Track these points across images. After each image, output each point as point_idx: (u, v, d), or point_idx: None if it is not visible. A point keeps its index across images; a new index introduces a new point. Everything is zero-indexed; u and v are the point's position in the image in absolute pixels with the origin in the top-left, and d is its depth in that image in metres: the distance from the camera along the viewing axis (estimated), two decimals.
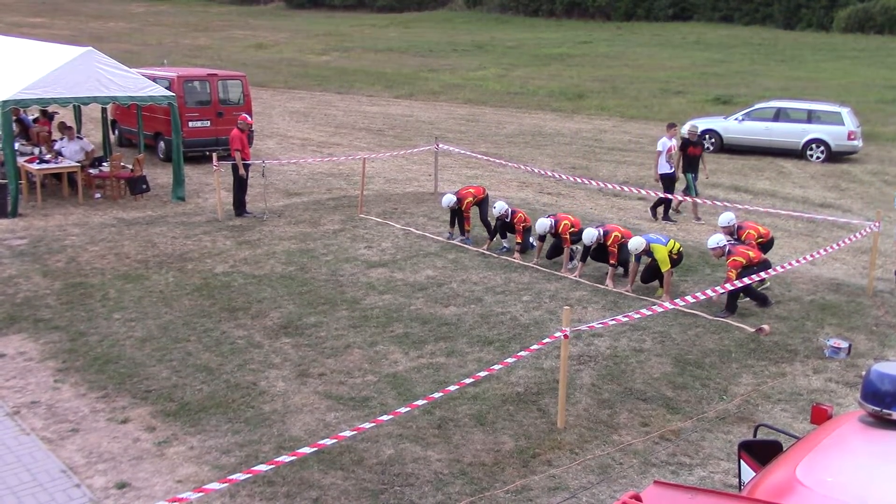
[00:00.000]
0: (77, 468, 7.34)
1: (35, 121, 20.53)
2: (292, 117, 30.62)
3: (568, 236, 13.01)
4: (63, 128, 18.48)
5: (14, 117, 17.49)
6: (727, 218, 12.36)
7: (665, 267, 11.75)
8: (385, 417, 7.19)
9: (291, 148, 24.00)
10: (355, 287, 12.17)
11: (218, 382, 9.03)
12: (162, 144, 21.16)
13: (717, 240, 11.49)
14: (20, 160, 16.72)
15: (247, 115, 17.17)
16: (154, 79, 18.68)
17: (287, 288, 12.07)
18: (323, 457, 7.45)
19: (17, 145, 16.89)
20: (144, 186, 17.38)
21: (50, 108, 19.42)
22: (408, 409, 7.43)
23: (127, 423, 8.16)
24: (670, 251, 11.82)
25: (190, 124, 20.35)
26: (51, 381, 8.99)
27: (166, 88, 18.56)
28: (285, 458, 6.50)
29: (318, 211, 16.70)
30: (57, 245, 13.84)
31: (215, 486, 6.25)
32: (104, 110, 19.97)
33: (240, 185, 16.09)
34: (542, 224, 13.21)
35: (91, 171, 17.70)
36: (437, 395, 7.58)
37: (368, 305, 11.43)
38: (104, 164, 18.14)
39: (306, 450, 6.63)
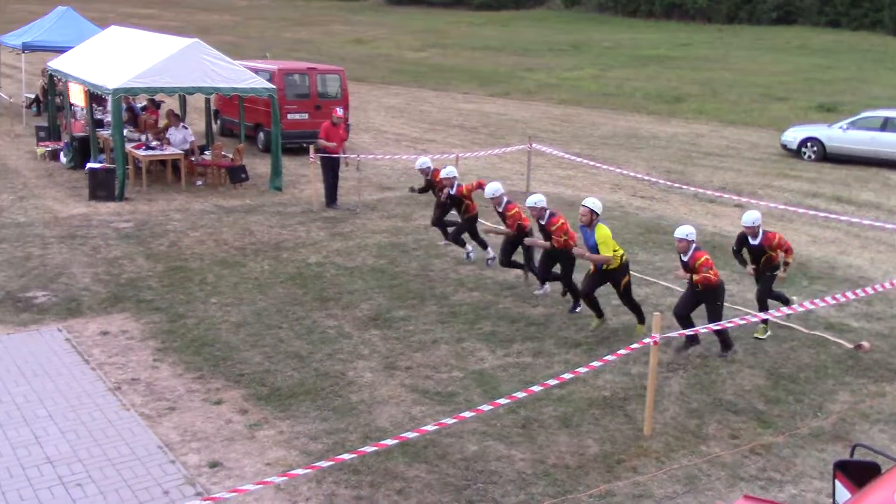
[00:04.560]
0: (172, 445, 7.60)
1: (143, 109, 21.29)
2: (388, 112, 30.97)
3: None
4: (171, 115, 19.13)
5: (124, 105, 18.18)
6: (752, 217, 10.42)
7: (607, 251, 10.11)
8: (469, 414, 7.21)
9: (386, 143, 24.28)
10: (445, 283, 12.25)
11: (308, 370, 9.23)
12: (261, 135, 21.69)
13: (686, 231, 9.79)
14: (128, 146, 17.39)
15: (338, 109, 17.45)
16: (256, 71, 19.17)
17: (377, 280, 12.23)
18: (407, 449, 7.54)
19: (125, 132, 17.56)
20: (244, 175, 17.85)
21: (157, 97, 20.11)
22: (492, 406, 7.45)
23: (220, 404, 8.41)
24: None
25: (289, 116, 20.82)
26: (150, 360, 9.33)
27: (267, 81, 19.01)
28: (370, 448, 6.61)
29: (411, 206, 16.85)
30: (160, 229, 14.35)
31: (302, 471, 6.39)
32: (208, 100, 20.58)
33: (333, 177, 16.40)
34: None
35: (193, 159, 18.28)
36: (522, 394, 7.57)
37: (457, 301, 11.49)
38: (206, 152, 18.72)
39: (391, 441, 6.73)
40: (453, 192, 13.05)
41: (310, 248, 13.69)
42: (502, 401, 7.40)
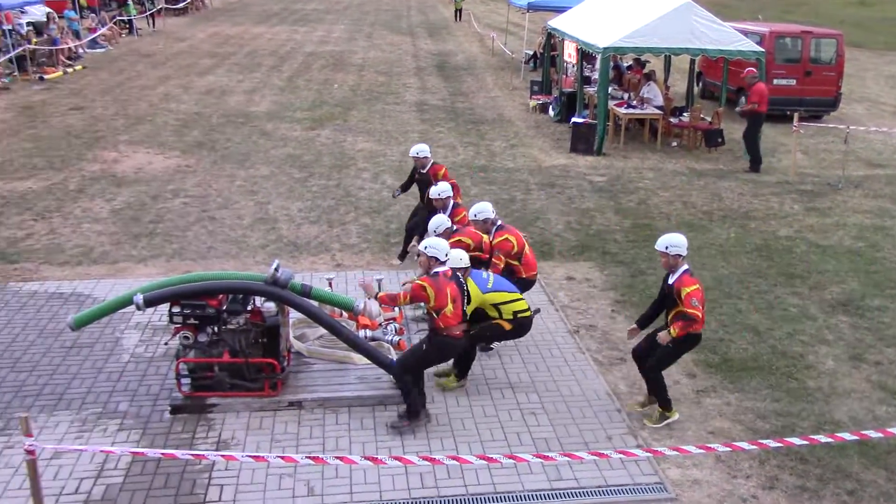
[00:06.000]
0: (620, 394, 7.89)
1: (629, 68, 21.84)
2: (887, 82, 28.03)
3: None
4: (642, 75, 19.44)
5: (611, 63, 18.83)
6: (668, 240, 7.51)
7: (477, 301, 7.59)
8: None
9: (881, 115, 22.05)
10: None
11: (763, 346, 8.90)
12: (743, 99, 20.96)
13: (428, 244, 7.22)
14: (611, 104, 18.03)
15: (751, 69, 16.42)
16: (745, 33, 18.53)
17: (853, 263, 11.29)
18: (866, 450, 6.95)
19: (610, 89, 18.21)
20: (720, 140, 17.51)
21: (643, 57, 20.47)
22: None
23: None
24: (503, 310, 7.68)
25: (774, 82, 19.81)
26: (608, 310, 9.72)
27: (757, 43, 18.30)
28: (824, 439, 6.20)
29: None
30: (631, 186, 14.72)
31: (745, 445, 6.22)
32: (692, 61, 20.42)
33: (753, 136, 15.83)
34: None
35: (671, 119, 18.37)
36: None
37: None
38: (684, 113, 18.68)
39: (849, 436, 6.24)
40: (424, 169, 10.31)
41: (781, 221, 13.06)
42: None
